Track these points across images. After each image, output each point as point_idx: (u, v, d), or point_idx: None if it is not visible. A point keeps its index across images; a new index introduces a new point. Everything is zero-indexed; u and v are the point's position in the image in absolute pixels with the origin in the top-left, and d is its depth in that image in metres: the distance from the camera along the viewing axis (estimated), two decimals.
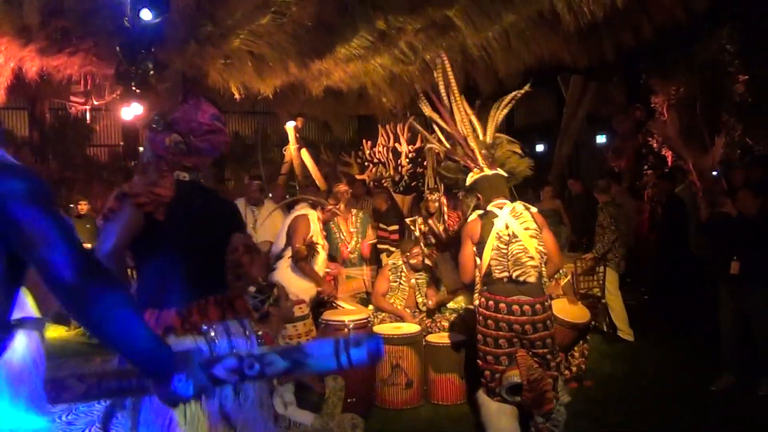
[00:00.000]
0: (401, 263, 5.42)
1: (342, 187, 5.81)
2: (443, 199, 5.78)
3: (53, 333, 7.24)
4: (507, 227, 3.72)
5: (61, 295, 1.34)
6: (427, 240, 5.70)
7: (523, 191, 6.93)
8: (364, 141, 9.05)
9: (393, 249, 6.62)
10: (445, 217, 5.74)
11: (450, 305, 5.55)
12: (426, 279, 5.47)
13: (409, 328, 4.99)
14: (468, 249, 3.85)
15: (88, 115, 10.67)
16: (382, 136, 8.63)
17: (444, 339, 4.92)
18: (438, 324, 5.27)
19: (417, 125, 5.03)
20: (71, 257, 1.33)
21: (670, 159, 9.50)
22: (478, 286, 3.85)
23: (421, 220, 5.91)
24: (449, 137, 4.23)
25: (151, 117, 2.45)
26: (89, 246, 5.33)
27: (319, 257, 4.94)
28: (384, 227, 7.37)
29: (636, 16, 6.95)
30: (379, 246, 7.17)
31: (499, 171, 3.99)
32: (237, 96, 7.39)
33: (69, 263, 1.32)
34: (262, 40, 6.22)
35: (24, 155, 9.53)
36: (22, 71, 6.36)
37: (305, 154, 9.04)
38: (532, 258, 3.67)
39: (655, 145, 9.79)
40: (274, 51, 6.42)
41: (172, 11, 5.19)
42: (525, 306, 3.64)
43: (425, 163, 7.89)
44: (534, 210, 3.89)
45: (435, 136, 4.37)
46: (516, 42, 6.96)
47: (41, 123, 10.61)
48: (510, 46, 6.99)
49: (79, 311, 1.37)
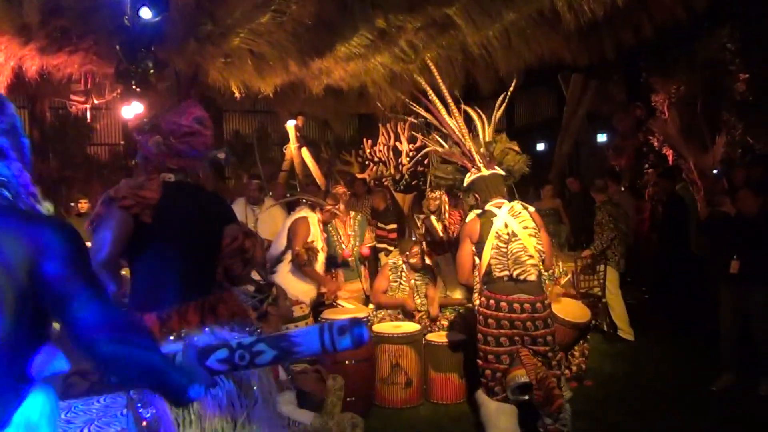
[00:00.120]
0: (401, 263, 5.42)
1: (340, 189, 5.79)
2: (444, 198, 5.78)
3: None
4: (506, 226, 3.72)
5: (83, 350, 1.32)
6: (426, 239, 5.69)
7: (524, 190, 6.93)
8: (364, 140, 9.07)
9: (391, 248, 6.62)
10: (446, 216, 5.73)
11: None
12: (426, 279, 5.46)
13: (409, 327, 4.99)
14: (466, 248, 3.85)
15: (88, 114, 10.66)
16: (382, 134, 8.64)
17: (444, 338, 4.91)
18: (438, 323, 5.26)
19: (416, 121, 5.00)
20: (99, 318, 1.31)
21: (670, 157, 9.48)
22: (477, 285, 3.85)
23: (422, 218, 5.90)
24: (447, 138, 4.23)
25: (140, 119, 2.50)
26: (89, 245, 5.30)
27: (319, 259, 4.93)
28: (382, 226, 7.37)
29: (636, 14, 6.94)
30: (378, 245, 7.17)
31: (497, 170, 3.98)
32: (237, 95, 7.38)
33: (96, 324, 1.30)
34: (262, 38, 6.21)
35: None
36: (22, 70, 6.35)
37: (306, 152, 9.02)
38: (531, 257, 3.68)
39: (656, 144, 9.78)
40: (274, 50, 6.41)
41: (171, 10, 5.18)
42: (525, 304, 3.65)
43: (426, 162, 7.90)
44: (532, 209, 3.90)
45: (433, 136, 4.36)
46: (516, 40, 6.95)
47: (41, 122, 10.58)
48: (510, 44, 6.98)
49: (99, 362, 1.35)
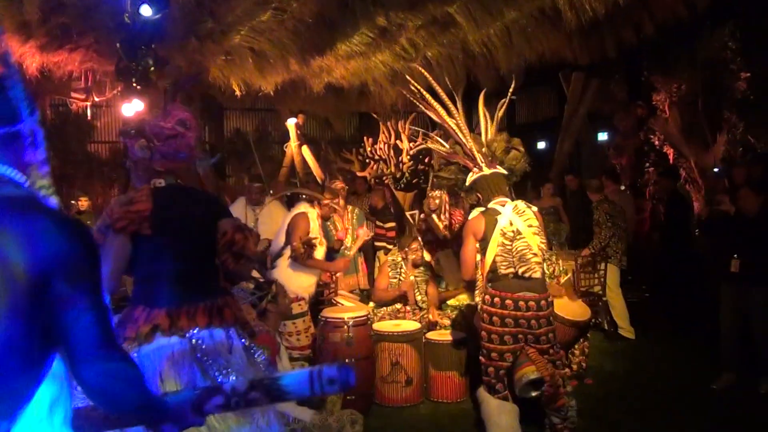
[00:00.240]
0: (400, 260, 5.42)
1: (339, 184, 5.81)
2: (445, 197, 5.78)
3: None
4: (511, 224, 3.74)
5: (74, 364, 1.32)
6: (425, 237, 5.69)
7: (524, 188, 6.92)
8: (365, 138, 9.05)
9: (390, 247, 6.61)
10: (447, 215, 5.73)
11: (451, 302, 5.53)
12: (425, 276, 5.46)
13: (409, 325, 4.99)
14: (470, 246, 3.85)
15: (88, 112, 10.67)
16: (383, 133, 8.61)
17: (444, 336, 4.91)
18: (438, 327, 5.24)
19: (424, 111, 4.99)
20: (97, 337, 1.32)
21: (671, 156, 9.47)
22: (481, 283, 3.85)
23: (422, 215, 5.90)
24: (448, 137, 4.23)
25: (126, 124, 2.57)
26: None
27: (318, 252, 4.94)
28: (381, 224, 7.36)
29: (637, 13, 6.92)
30: (376, 244, 7.16)
31: (499, 169, 3.99)
32: (238, 93, 7.38)
33: (93, 342, 1.31)
34: (262, 36, 6.20)
35: None
36: (22, 68, 6.33)
37: (306, 151, 9.01)
38: (535, 255, 3.70)
39: (657, 143, 9.76)
40: (274, 47, 6.40)
41: (172, 7, 5.18)
42: (530, 302, 3.67)
43: (427, 160, 7.89)
44: (535, 209, 3.92)
45: (434, 136, 4.36)
46: (517, 39, 6.93)
47: (42, 119, 10.54)
48: (511, 42, 6.96)
49: (82, 379, 1.34)
